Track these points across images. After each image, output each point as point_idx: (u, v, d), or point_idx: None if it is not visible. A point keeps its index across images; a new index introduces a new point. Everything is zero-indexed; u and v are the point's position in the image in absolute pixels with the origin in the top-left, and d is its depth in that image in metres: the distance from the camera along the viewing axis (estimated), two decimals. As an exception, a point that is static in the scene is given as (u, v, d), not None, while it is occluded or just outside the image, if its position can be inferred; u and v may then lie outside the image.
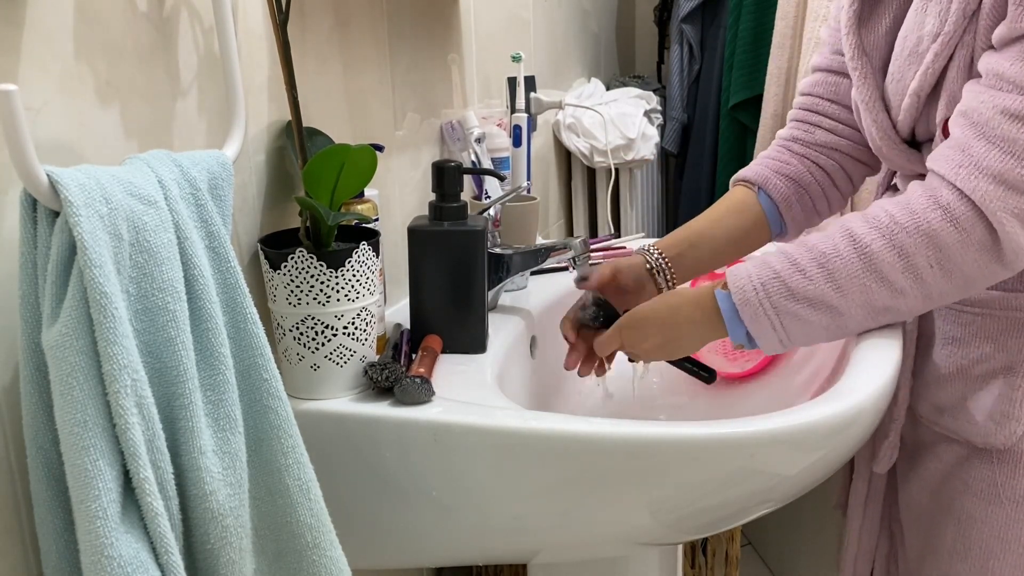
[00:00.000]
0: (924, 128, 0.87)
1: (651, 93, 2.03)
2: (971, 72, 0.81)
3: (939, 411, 0.94)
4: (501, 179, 1.05)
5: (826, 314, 0.80)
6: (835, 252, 0.79)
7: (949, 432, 0.93)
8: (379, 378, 0.77)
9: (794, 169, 1.00)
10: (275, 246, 0.76)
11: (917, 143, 0.90)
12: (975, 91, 0.78)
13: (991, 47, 0.78)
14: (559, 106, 1.55)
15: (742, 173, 1.03)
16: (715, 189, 1.93)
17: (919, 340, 0.95)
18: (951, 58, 0.81)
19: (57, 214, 0.52)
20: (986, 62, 0.77)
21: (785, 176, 1.00)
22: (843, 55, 0.95)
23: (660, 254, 0.99)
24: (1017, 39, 0.74)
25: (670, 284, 0.99)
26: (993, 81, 0.76)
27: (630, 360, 0.97)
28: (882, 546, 1.06)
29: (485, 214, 1.01)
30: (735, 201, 1.01)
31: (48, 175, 0.51)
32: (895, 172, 0.98)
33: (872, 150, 0.95)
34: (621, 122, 1.80)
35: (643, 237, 1.39)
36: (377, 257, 0.78)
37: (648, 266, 0.98)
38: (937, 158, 0.79)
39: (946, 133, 0.82)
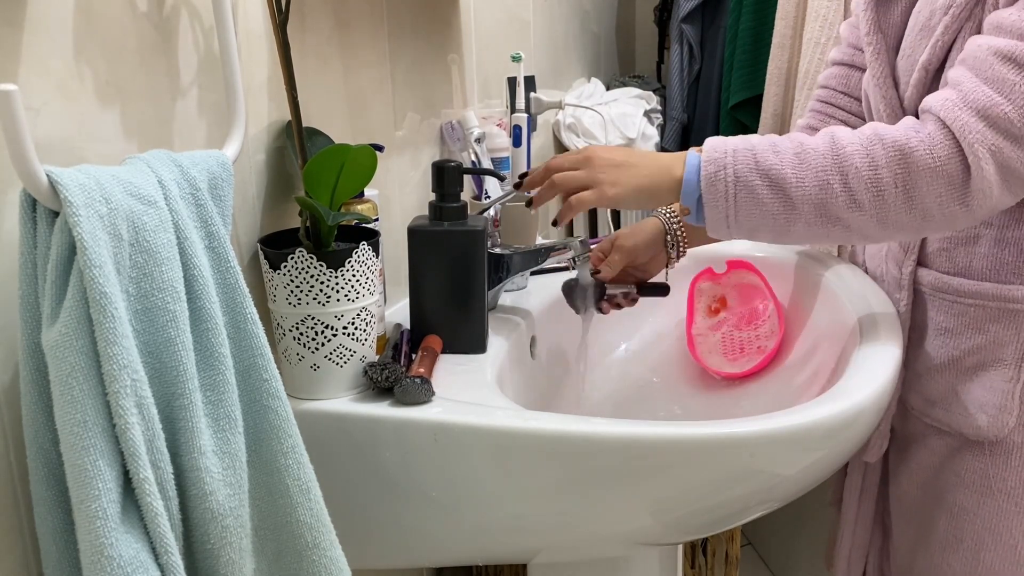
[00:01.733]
0: None
1: (651, 93, 2.03)
2: None
3: (930, 403, 0.94)
4: (501, 179, 1.05)
5: (778, 198, 0.81)
6: (813, 145, 0.82)
7: (940, 424, 0.93)
8: (379, 378, 0.77)
9: None
10: (275, 246, 0.76)
11: None
12: (974, 40, 0.80)
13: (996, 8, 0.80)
14: (559, 106, 1.55)
15: None
16: (715, 189, 1.93)
17: (911, 331, 0.96)
18: (959, 32, 0.84)
19: (57, 214, 0.52)
20: (988, 19, 0.80)
21: None
22: (859, 50, 0.99)
23: (678, 221, 1.02)
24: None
25: (681, 252, 1.03)
26: (992, 31, 0.78)
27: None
28: (875, 540, 1.07)
29: (485, 214, 1.01)
30: None
31: (48, 175, 0.51)
32: None
33: None
34: (621, 122, 1.80)
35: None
36: (377, 257, 0.78)
37: (668, 240, 1.02)
38: (929, 97, 0.81)
39: None
